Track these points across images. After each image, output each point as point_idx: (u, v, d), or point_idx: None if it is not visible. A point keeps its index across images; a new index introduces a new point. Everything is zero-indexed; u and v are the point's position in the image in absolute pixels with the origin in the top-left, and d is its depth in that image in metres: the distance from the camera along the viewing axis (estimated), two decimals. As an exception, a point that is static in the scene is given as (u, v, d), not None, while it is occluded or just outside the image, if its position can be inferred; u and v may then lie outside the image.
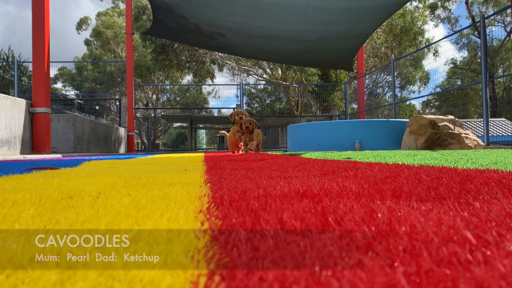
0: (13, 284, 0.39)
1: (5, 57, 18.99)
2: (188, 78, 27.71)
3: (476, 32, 23.82)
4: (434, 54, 22.23)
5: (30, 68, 16.45)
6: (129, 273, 0.41)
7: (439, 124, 6.25)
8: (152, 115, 24.86)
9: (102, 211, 0.78)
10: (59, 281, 0.39)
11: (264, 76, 23.30)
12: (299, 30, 9.59)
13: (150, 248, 0.50)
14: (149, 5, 11.70)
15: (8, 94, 12.37)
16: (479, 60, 23.48)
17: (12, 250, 0.50)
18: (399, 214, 0.66)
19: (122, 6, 27.59)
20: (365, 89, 19.14)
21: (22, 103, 6.83)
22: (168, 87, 28.77)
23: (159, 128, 28.66)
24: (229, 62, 22.20)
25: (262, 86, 27.45)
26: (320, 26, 9.28)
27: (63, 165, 3.02)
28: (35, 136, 7.08)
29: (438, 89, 22.17)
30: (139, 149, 22.56)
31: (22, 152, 6.72)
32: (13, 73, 15.70)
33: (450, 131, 6.15)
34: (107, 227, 0.63)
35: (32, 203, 0.92)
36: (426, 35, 20.93)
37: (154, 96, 28.21)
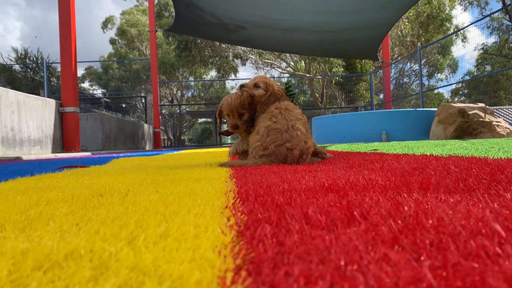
0: (50, 279, 0.41)
1: (35, 59, 19.53)
2: (211, 74, 27.85)
3: (507, 15, 22.93)
4: (462, 40, 21.59)
5: (59, 69, 16.90)
6: (159, 269, 0.42)
7: (469, 113, 6.09)
8: (177, 111, 25.13)
9: (131, 208, 0.80)
10: (93, 277, 0.41)
11: (288, 69, 23.17)
12: (321, 21, 9.48)
13: (178, 244, 0.52)
14: (171, 2, 11.81)
15: (39, 94, 12.75)
16: (511, 44, 22.64)
17: (48, 247, 0.52)
18: (426, 207, 0.65)
19: (146, 3, 27.90)
20: (391, 79, 18.79)
21: (52, 103, 7.03)
22: (192, 83, 29.00)
23: (184, 124, 28.97)
24: (251, 56, 22.19)
25: (285, 79, 27.33)
26: (343, 16, 9.15)
27: (93, 163, 3.10)
28: (65, 135, 7.28)
29: (467, 77, 21.51)
30: (165, 145, 22.87)
31: (53, 151, 6.93)
32: (42, 74, 16.15)
33: (481, 119, 5.98)
34: (136, 224, 0.65)
35: (65, 201, 0.96)
36: (454, 21, 20.26)
37: (179, 93, 28.50)
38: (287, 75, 23.49)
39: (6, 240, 0.59)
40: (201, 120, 28.83)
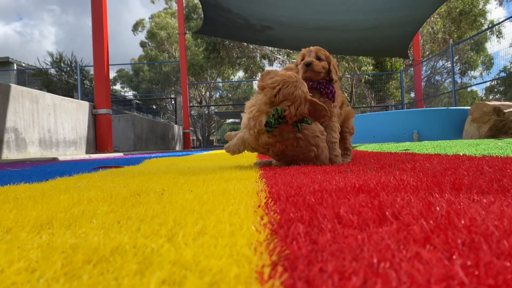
0: (100, 272, 0.44)
1: (69, 63, 20.15)
2: (239, 75, 28.05)
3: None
4: (497, 36, 20.86)
5: (91, 72, 17.38)
6: (199, 264, 0.45)
7: (505, 111, 5.90)
8: (206, 112, 25.41)
9: (168, 207, 0.84)
10: (139, 270, 0.44)
11: (316, 68, 22.98)
12: (350, 19, 9.40)
13: (215, 241, 0.54)
14: (200, 4, 11.97)
15: (72, 97, 13.17)
16: (549, 39, 21.67)
17: (94, 243, 0.56)
18: (458, 207, 0.65)
19: (174, 6, 28.35)
20: (423, 77, 18.39)
21: (85, 105, 7.26)
22: (220, 84, 29.28)
23: (213, 125, 29.26)
24: (279, 56, 22.18)
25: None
26: (372, 14, 9.03)
27: (126, 164, 3.19)
28: (98, 136, 7.50)
29: (502, 73, 20.75)
30: (195, 145, 23.18)
31: (87, 152, 7.15)
32: (76, 77, 16.68)
33: (517, 117, 5.78)
34: (174, 222, 0.68)
35: (105, 200, 1.00)
36: (488, 17, 19.59)
37: (207, 94, 28.82)
38: (315, 74, 23.31)
39: (55, 236, 0.63)
40: (229, 120, 29.09)
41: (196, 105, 26.55)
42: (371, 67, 17.55)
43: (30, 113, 5.68)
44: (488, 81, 19.65)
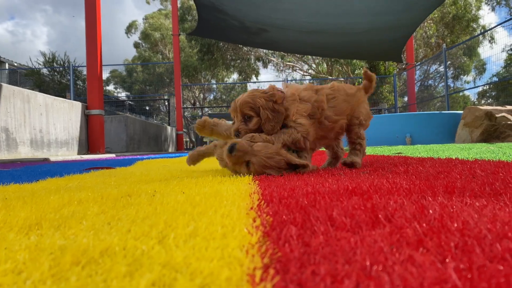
0: (89, 274, 0.43)
1: (62, 63, 19.99)
2: (233, 77, 28.05)
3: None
4: (490, 41, 21.04)
5: (84, 72, 17.27)
6: (190, 266, 0.44)
7: (496, 116, 5.94)
8: (200, 114, 25.35)
9: (160, 208, 0.83)
10: (128, 272, 0.43)
11: (309, 71, 23.09)
12: (345, 22, 9.43)
13: (207, 243, 0.54)
14: (195, 6, 11.96)
15: (65, 97, 13.08)
16: (540, 45, 21.87)
17: (84, 244, 0.55)
18: (451, 210, 0.65)
19: (169, 7, 28.29)
20: (416, 81, 18.50)
21: (78, 106, 7.21)
22: (214, 86, 29.24)
23: (207, 126, 29.16)
24: (273, 59, 22.23)
25: (306, 82, 27.22)
26: (367, 17, 9.07)
27: (118, 165, 3.17)
28: (90, 137, 7.45)
29: (494, 78, 20.92)
30: (188, 147, 23.11)
31: (79, 153, 7.10)
32: (69, 77, 16.56)
33: (509, 122, 5.83)
34: (165, 224, 0.67)
35: (95, 201, 0.99)
36: (481, 22, 19.78)
37: (201, 95, 28.76)
38: (308, 77, 23.42)
39: (43, 237, 0.62)
40: (223, 122, 29.00)
41: (190, 106, 26.49)
42: (365, 70, 17.62)
43: (22, 113, 5.62)
44: (481, 85, 19.84)
